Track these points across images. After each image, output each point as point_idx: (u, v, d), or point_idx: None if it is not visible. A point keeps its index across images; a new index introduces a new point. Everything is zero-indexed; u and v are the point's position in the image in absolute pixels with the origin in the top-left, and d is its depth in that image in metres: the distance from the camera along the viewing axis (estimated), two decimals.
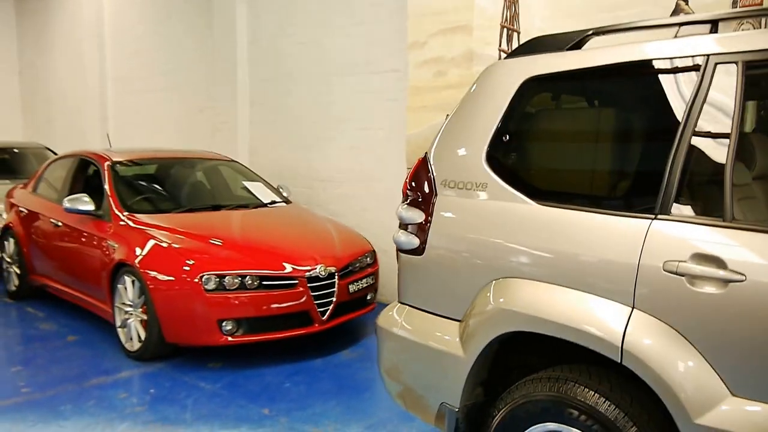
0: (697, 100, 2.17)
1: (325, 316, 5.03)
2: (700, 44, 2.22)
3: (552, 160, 2.76)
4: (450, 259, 2.71)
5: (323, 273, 5.01)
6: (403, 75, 6.67)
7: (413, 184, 2.90)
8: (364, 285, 5.46)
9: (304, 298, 4.89)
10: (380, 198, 7.05)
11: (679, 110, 2.22)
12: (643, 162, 2.42)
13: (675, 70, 2.30)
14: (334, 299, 5.09)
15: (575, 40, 2.63)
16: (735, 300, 1.94)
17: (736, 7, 4.96)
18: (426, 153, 2.92)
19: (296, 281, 4.89)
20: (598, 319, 2.20)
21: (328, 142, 7.63)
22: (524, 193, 2.54)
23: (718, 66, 2.15)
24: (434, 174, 2.83)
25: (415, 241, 2.83)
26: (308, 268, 4.98)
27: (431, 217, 2.79)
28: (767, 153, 2.51)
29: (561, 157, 2.73)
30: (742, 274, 1.93)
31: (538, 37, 2.81)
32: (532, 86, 2.67)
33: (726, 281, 1.95)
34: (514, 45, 5.87)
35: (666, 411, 2.08)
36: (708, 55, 2.18)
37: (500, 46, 5.79)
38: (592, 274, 2.26)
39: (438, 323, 2.74)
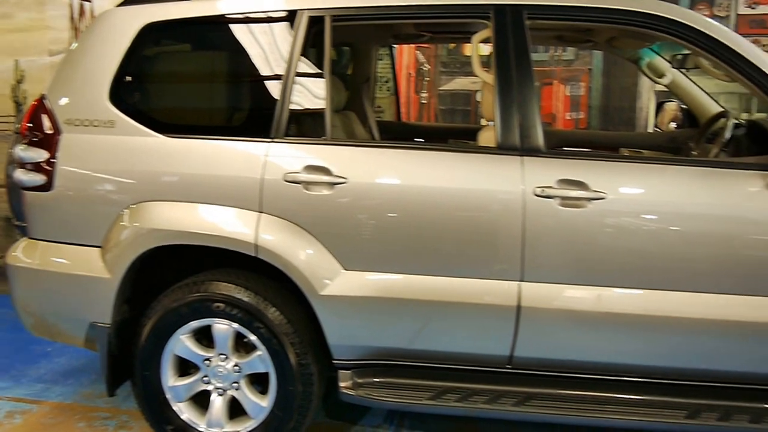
0: (296, 46, 2.77)
1: None
2: (295, 0, 2.82)
3: (179, 99, 3.12)
4: (82, 192, 2.89)
5: None
6: None
7: (32, 124, 2.98)
8: None
9: None
10: None
11: (284, 54, 2.80)
12: (258, 98, 2.96)
13: (276, 20, 2.87)
14: None
15: None
16: (340, 198, 2.63)
17: None
18: (43, 95, 3.01)
19: None
20: (234, 224, 2.71)
21: None
22: (152, 128, 2.85)
23: (311, 18, 2.78)
24: (56, 114, 2.95)
25: (39, 179, 2.92)
26: None
27: (56, 155, 2.92)
28: (339, 92, 3.32)
29: (188, 95, 3.11)
30: (345, 178, 2.63)
31: None
32: (150, 31, 2.95)
33: (332, 184, 2.63)
34: None
35: (297, 292, 2.71)
36: (303, 10, 2.80)
37: None
38: (224, 190, 2.73)
39: (78, 252, 2.91)
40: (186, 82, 3.12)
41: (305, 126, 2.81)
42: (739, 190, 2.51)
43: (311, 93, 2.79)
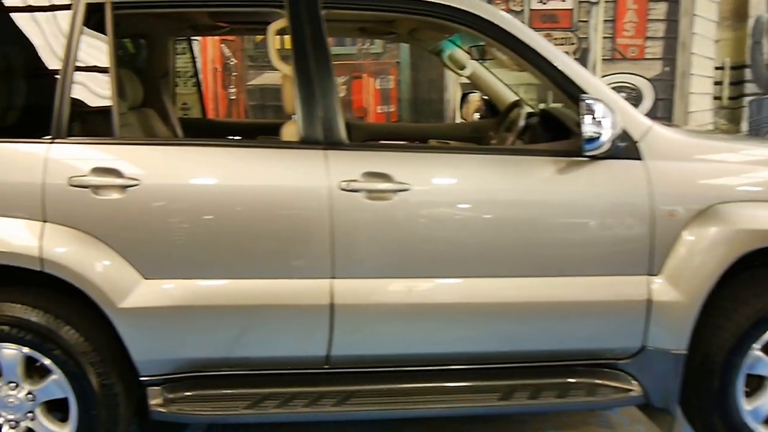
0: (74, 37, 2.52)
1: None
2: None
3: None
4: None
5: None
6: None
7: None
8: None
9: None
10: None
11: (59, 48, 2.53)
12: (35, 95, 2.66)
13: (51, 9, 2.60)
14: None
15: None
16: (133, 201, 2.44)
17: None
18: None
19: None
20: (14, 236, 2.43)
21: None
22: None
23: (89, 6, 2.53)
24: None
25: None
26: None
27: None
28: (133, 87, 3.09)
29: None
30: (137, 180, 2.43)
31: None
32: None
33: (123, 187, 2.43)
34: None
35: (95, 307, 2.47)
36: None
37: None
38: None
39: None
40: None
41: (91, 124, 2.58)
42: (533, 175, 2.59)
43: (95, 88, 2.57)
